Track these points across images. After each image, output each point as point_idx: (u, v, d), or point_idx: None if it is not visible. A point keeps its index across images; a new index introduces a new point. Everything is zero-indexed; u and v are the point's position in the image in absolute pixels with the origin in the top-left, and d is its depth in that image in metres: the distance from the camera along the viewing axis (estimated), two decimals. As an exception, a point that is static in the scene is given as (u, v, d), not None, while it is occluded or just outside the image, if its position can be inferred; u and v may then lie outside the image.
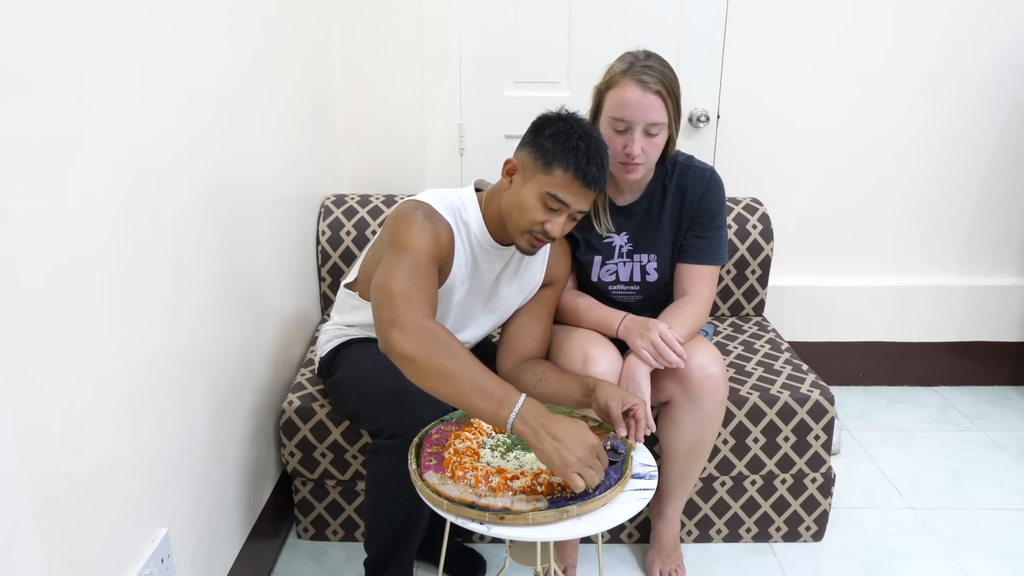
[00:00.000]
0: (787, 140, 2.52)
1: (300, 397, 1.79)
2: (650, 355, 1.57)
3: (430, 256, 1.40)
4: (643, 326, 1.61)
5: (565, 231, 1.47)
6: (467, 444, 1.30)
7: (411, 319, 1.25)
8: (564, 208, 1.42)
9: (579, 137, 1.41)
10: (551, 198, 1.41)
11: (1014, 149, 2.55)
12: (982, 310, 2.68)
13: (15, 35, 0.89)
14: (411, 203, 1.48)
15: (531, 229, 1.44)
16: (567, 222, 1.45)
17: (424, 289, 1.34)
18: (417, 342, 1.22)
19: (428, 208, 1.47)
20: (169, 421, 1.29)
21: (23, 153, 0.90)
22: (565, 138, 1.41)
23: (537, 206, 1.42)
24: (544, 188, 1.41)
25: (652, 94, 1.55)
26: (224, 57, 1.53)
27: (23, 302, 0.91)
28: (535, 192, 1.42)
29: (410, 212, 1.44)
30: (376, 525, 1.53)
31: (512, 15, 2.42)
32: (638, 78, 1.56)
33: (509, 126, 2.51)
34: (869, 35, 2.42)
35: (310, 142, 2.16)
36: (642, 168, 1.61)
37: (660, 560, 1.78)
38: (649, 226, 1.73)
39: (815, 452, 1.82)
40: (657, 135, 1.58)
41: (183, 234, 1.33)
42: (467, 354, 1.24)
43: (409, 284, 1.31)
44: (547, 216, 1.43)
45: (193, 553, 1.39)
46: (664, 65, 1.60)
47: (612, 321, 1.66)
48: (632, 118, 1.56)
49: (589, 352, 1.61)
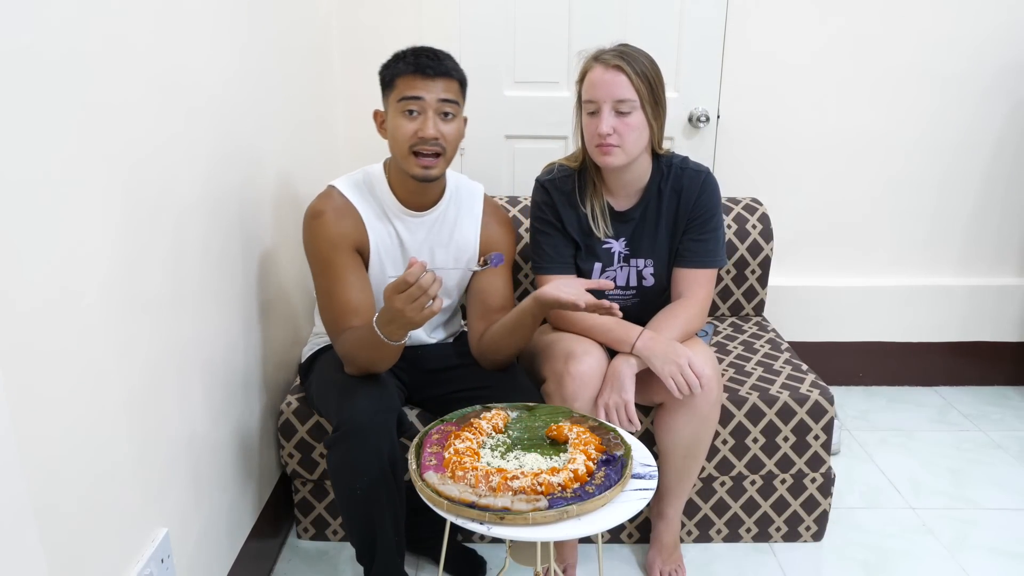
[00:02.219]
0: (787, 140, 2.52)
1: (298, 399, 1.79)
2: (676, 384, 1.55)
3: (340, 254, 1.55)
4: (669, 350, 1.57)
5: (440, 128, 1.51)
6: (467, 444, 1.30)
7: (339, 352, 1.54)
8: (419, 102, 1.49)
9: (406, 50, 1.53)
10: (403, 103, 1.49)
11: (1014, 149, 2.55)
12: (982, 310, 2.68)
13: (15, 35, 0.89)
14: (309, 207, 1.59)
15: (410, 146, 1.50)
16: (436, 119, 1.50)
17: (344, 297, 1.54)
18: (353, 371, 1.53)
19: (323, 202, 1.58)
20: (169, 421, 1.29)
21: (23, 153, 0.90)
22: (393, 59, 1.54)
23: (401, 122, 1.50)
24: (396, 98, 1.51)
25: (613, 69, 1.55)
26: (225, 57, 1.53)
27: (23, 302, 0.91)
28: (394, 113, 1.52)
29: (306, 223, 1.58)
30: (347, 519, 1.54)
31: (512, 15, 2.42)
32: (600, 59, 1.58)
33: (509, 126, 2.51)
34: (869, 35, 2.42)
35: (310, 142, 2.16)
36: (619, 152, 1.59)
37: (660, 560, 1.78)
38: (646, 231, 1.72)
39: (815, 452, 1.82)
40: (629, 114, 1.56)
41: (183, 234, 1.33)
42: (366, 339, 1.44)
43: (330, 304, 1.55)
44: (413, 123, 1.50)
45: (193, 553, 1.39)
46: (635, 50, 1.59)
47: (628, 336, 1.63)
48: (598, 96, 1.57)
49: (572, 351, 1.60)
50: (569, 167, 1.73)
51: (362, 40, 2.39)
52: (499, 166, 2.53)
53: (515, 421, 1.42)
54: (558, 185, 1.72)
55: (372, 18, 2.37)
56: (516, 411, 1.46)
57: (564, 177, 1.72)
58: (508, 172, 2.54)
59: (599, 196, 1.70)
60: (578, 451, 1.28)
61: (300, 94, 2.07)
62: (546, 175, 1.75)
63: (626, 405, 1.57)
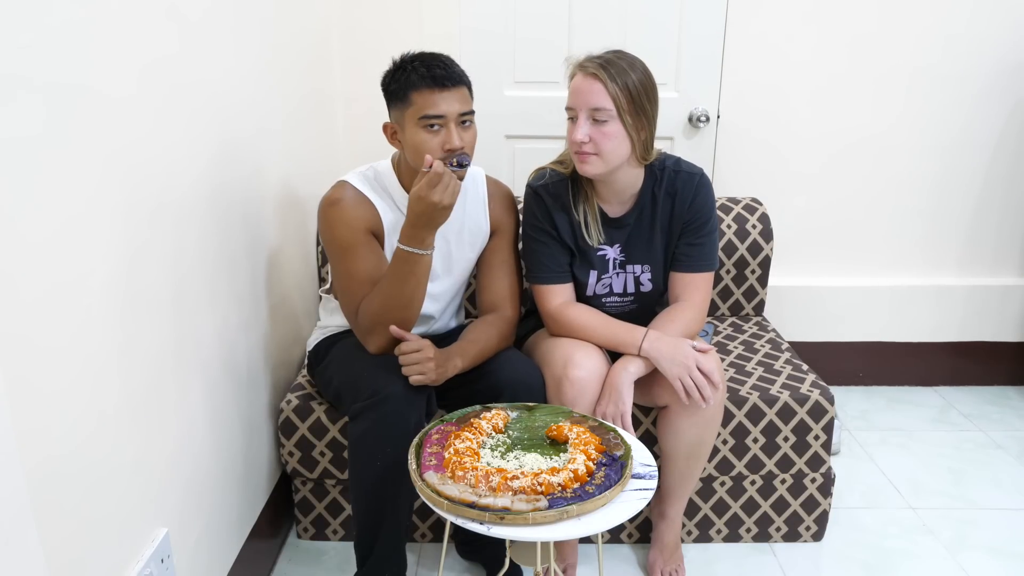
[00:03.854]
0: (787, 140, 2.52)
1: (299, 397, 1.79)
2: (684, 387, 1.54)
3: (358, 234, 1.56)
4: (677, 351, 1.56)
5: (466, 140, 1.51)
6: (467, 444, 1.30)
7: (363, 326, 1.55)
8: (442, 119, 1.47)
9: (410, 60, 1.50)
10: (425, 120, 1.47)
11: (1014, 149, 2.55)
12: (982, 310, 2.68)
13: (16, 35, 0.89)
14: (325, 197, 1.59)
15: (441, 159, 1.49)
16: (459, 130, 1.49)
17: (365, 273, 1.55)
18: (378, 342, 1.54)
19: (337, 191, 1.58)
20: (169, 421, 1.29)
21: (23, 153, 0.90)
22: (401, 71, 1.51)
23: (424, 137, 1.49)
24: (417, 116, 1.48)
25: (590, 77, 1.54)
26: (225, 57, 1.53)
27: (23, 302, 0.91)
28: (413, 129, 1.49)
29: (323, 211, 1.58)
30: (357, 498, 1.54)
31: (512, 15, 2.42)
32: (582, 65, 1.57)
33: (509, 126, 2.51)
34: (869, 35, 2.43)
35: (310, 142, 2.16)
36: (596, 160, 1.56)
37: (662, 560, 1.78)
38: (641, 236, 1.70)
39: (815, 452, 1.82)
40: (606, 123, 1.53)
41: (183, 234, 1.33)
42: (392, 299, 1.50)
43: (351, 284, 1.56)
44: (436, 137, 1.48)
45: (193, 553, 1.39)
46: (624, 59, 1.55)
47: (633, 339, 1.61)
48: (575, 104, 1.57)
49: (571, 356, 1.59)
50: (561, 173, 1.69)
51: (362, 40, 2.39)
52: (499, 166, 2.53)
53: (515, 421, 1.42)
54: (551, 191, 1.68)
55: (372, 18, 2.37)
56: (516, 411, 1.46)
57: (556, 183, 1.69)
58: (508, 172, 2.54)
59: (592, 203, 1.67)
60: (578, 451, 1.28)
61: (300, 94, 2.07)
62: (537, 180, 1.71)
63: (623, 416, 1.57)
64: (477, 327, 1.65)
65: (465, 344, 1.60)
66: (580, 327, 1.66)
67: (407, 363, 1.48)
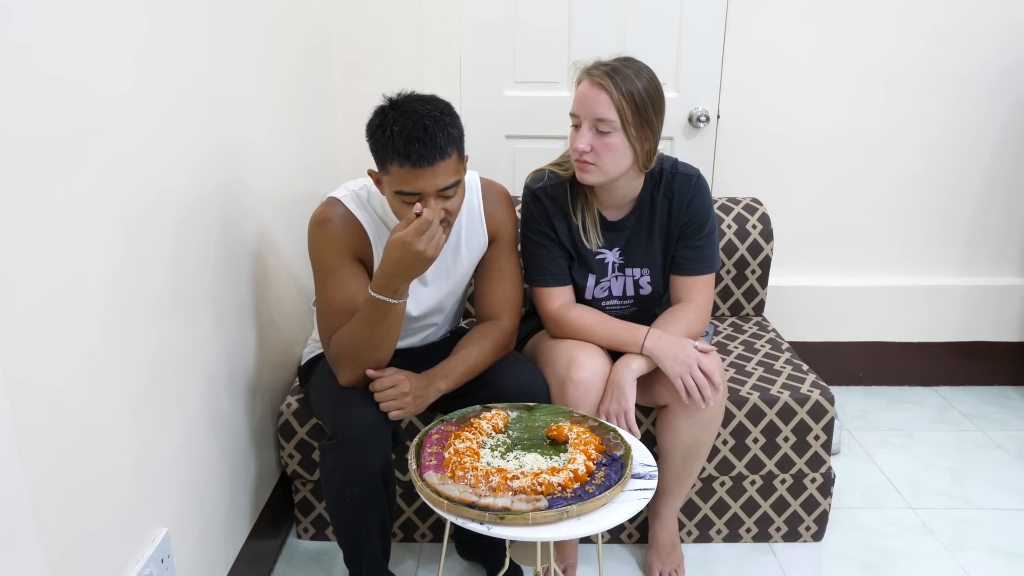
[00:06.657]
0: (787, 140, 2.52)
1: (298, 400, 1.79)
2: (685, 385, 1.53)
3: (342, 259, 1.51)
4: (679, 350, 1.56)
5: (444, 206, 1.40)
6: (467, 444, 1.30)
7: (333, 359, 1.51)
8: (418, 196, 1.38)
9: (392, 122, 1.36)
10: (401, 196, 1.39)
11: (1014, 149, 2.55)
12: (982, 310, 2.68)
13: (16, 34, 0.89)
14: (314, 215, 1.55)
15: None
16: (437, 201, 1.39)
17: (341, 302, 1.50)
18: (348, 378, 1.50)
19: (327, 210, 1.53)
20: (169, 421, 1.29)
21: (23, 153, 0.90)
22: (380, 132, 1.38)
23: (401, 207, 1.41)
24: (392, 189, 1.40)
25: (596, 87, 1.51)
26: (225, 57, 1.53)
27: (23, 303, 0.91)
28: (391, 195, 1.42)
29: (311, 230, 1.54)
30: (336, 524, 1.54)
31: (512, 15, 2.42)
32: (590, 72, 1.55)
33: (509, 126, 2.51)
34: (869, 35, 2.42)
35: (310, 142, 2.16)
36: (595, 170, 1.55)
37: (659, 560, 1.78)
38: (640, 239, 1.70)
39: (815, 452, 1.82)
40: (609, 134, 1.51)
41: (183, 234, 1.33)
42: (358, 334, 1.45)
43: (327, 310, 1.52)
44: (415, 206, 1.37)
45: (193, 553, 1.39)
46: (631, 67, 1.53)
47: (635, 337, 1.61)
48: (579, 111, 1.55)
49: (575, 358, 1.58)
50: (559, 176, 1.68)
51: (362, 40, 2.38)
52: (499, 166, 2.53)
53: (515, 421, 1.42)
54: (549, 193, 1.67)
55: (372, 18, 2.37)
56: (516, 411, 1.46)
57: (555, 185, 1.68)
58: (508, 172, 2.54)
59: (591, 207, 1.67)
60: (578, 451, 1.28)
61: (300, 94, 2.07)
62: (536, 182, 1.70)
63: (626, 413, 1.57)
64: (470, 340, 1.61)
65: (453, 362, 1.56)
66: (581, 328, 1.66)
67: (383, 399, 1.45)
